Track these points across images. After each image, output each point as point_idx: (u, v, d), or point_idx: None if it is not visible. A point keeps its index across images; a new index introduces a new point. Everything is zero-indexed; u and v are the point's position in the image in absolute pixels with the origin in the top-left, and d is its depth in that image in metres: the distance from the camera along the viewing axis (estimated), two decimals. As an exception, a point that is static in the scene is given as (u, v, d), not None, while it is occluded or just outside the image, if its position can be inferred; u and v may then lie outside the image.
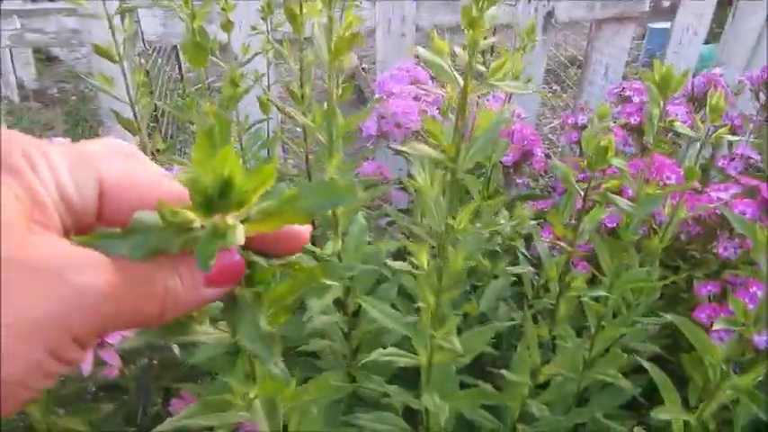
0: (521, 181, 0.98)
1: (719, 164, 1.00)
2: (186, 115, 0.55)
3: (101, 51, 0.65)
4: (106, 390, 0.78)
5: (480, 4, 0.37)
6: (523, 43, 0.74)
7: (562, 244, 0.52)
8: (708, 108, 0.63)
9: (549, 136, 2.44)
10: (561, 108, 2.76)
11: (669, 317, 0.57)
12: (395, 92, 1.01)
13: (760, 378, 0.48)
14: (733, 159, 0.96)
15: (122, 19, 0.70)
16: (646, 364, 0.55)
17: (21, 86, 3.09)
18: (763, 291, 0.44)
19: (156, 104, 0.90)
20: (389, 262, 0.47)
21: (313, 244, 0.61)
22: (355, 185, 0.55)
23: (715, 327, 0.46)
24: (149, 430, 0.86)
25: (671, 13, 1.51)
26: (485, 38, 0.63)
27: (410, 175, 1.19)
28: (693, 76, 1.28)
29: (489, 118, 0.39)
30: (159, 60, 2.34)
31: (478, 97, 0.93)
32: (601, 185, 0.49)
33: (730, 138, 0.59)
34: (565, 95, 2.96)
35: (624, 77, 1.59)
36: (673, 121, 0.55)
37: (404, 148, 0.38)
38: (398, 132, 0.99)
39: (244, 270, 0.23)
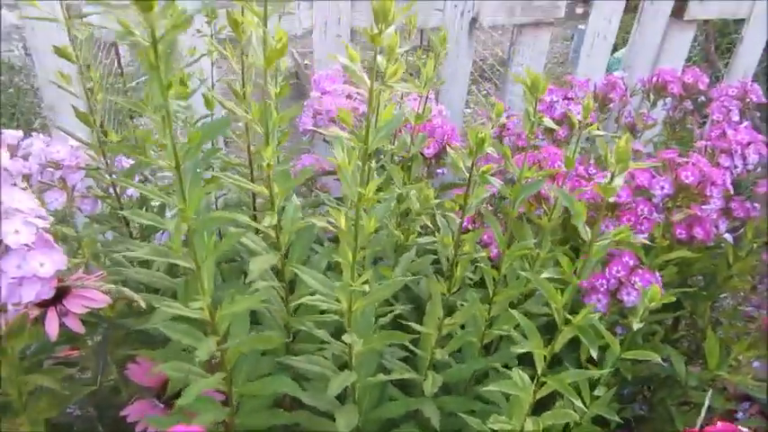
0: (440, 171, 1.11)
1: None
2: (142, 109, 0.63)
3: (61, 53, 0.73)
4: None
5: (380, 26, 0.49)
6: (437, 51, 0.85)
7: (452, 215, 0.64)
8: (582, 107, 0.77)
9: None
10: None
11: (524, 274, 0.70)
12: (329, 90, 1.12)
13: (593, 317, 0.62)
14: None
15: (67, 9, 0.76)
16: (518, 316, 0.67)
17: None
18: (588, 258, 0.57)
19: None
20: (318, 222, 0.58)
21: (254, 219, 0.71)
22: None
23: (543, 275, 0.59)
24: (107, 399, 0.93)
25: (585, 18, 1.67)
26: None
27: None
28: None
29: (389, 113, 0.51)
30: (99, 55, 2.37)
31: (401, 97, 1.05)
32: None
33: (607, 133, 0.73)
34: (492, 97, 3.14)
35: (557, 78, 1.74)
36: (541, 117, 0.67)
37: (323, 131, 0.48)
38: (333, 128, 1.10)
39: None
